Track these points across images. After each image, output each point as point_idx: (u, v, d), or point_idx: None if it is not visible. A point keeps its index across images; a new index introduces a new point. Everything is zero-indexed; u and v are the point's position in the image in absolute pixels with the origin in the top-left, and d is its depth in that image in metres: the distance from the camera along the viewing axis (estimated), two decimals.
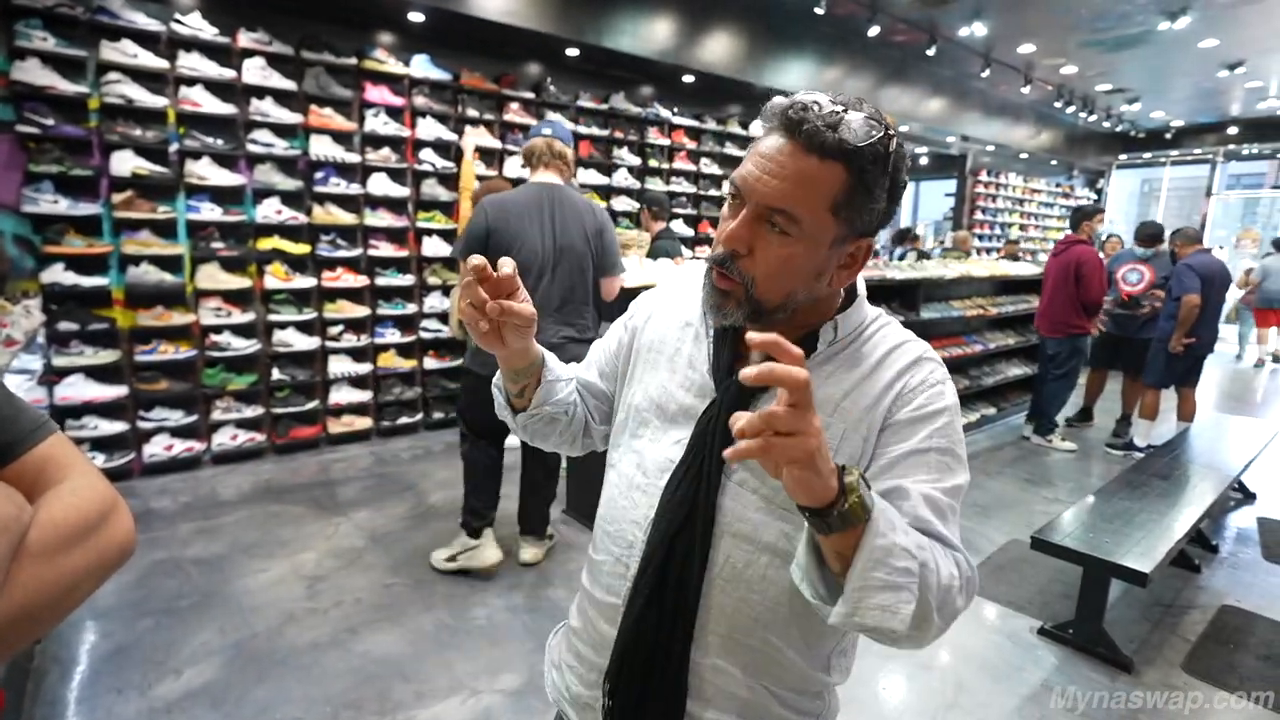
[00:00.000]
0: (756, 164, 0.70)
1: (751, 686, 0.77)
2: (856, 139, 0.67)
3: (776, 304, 0.74)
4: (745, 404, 0.76)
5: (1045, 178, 12.71)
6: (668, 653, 0.77)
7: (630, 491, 0.84)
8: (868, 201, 0.70)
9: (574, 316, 2.53)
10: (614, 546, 0.84)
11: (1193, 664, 2.32)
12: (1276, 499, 3.87)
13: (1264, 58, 7.35)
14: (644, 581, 0.78)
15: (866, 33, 6.09)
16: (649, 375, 0.87)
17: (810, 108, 0.68)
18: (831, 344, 0.78)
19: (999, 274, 5.18)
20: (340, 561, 2.84)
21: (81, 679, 2.08)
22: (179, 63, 3.57)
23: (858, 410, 0.75)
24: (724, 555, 0.76)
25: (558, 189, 2.49)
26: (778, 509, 0.75)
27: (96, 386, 3.45)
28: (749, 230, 0.72)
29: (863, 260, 0.76)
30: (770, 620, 0.76)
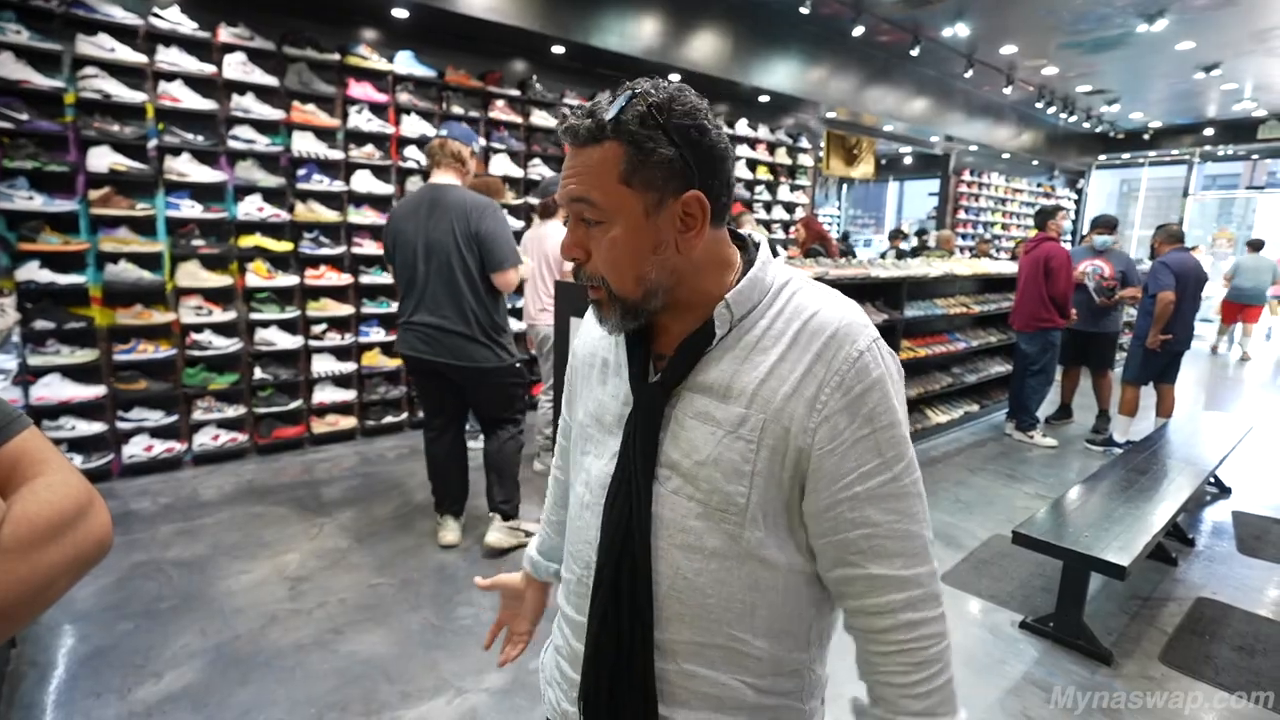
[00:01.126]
0: (561, 181, 0.75)
1: (724, 682, 0.77)
2: (608, 114, 0.70)
3: (638, 294, 0.74)
4: (660, 406, 0.76)
5: (1027, 178, 12.87)
6: (629, 666, 0.77)
7: (582, 511, 0.84)
8: (652, 159, 0.70)
9: (452, 310, 2.62)
10: (576, 566, 0.85)
11: (1170, 655, 2.36)
12: (1251, 493, 3.95)
13: (1239, 60, 7.49)
14: (598, 600, 0.79)
15: (851, 32, 6.13)
16: (586, 390, 0.88)
17: (573, 114, 0.73)
18: (733, 325, 0.75)
19: (981, 272, 5.24)
20: (324, 562, 2.81)
21: (59, 683, 2.05)
22: (158, 58, 3.51)
23: (778, 398, 0.71)
24: (673, 568, 0.75)
25: (441, 189, 2.65)
26: (715, 511, 0.74)
27: (74, 386, 3.39)
28: (575, 236, 0.75)
29: (702, 214, 0.72)
30: (732, 617, 0.76)
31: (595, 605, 0.79)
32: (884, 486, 0.72)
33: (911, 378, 4.71)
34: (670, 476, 0.76)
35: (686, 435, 0.75)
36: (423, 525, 3.16)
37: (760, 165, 7.02)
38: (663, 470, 0.76)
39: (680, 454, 0.75)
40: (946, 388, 4.88)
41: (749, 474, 0.73)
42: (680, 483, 0.75)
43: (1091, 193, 13.86)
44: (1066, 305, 4.59)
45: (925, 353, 4.62)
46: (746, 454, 0.72)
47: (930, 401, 4.94)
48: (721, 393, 0.74)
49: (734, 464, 0.73)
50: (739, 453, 0.72)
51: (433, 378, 2.79)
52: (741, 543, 0.74)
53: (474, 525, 3.09)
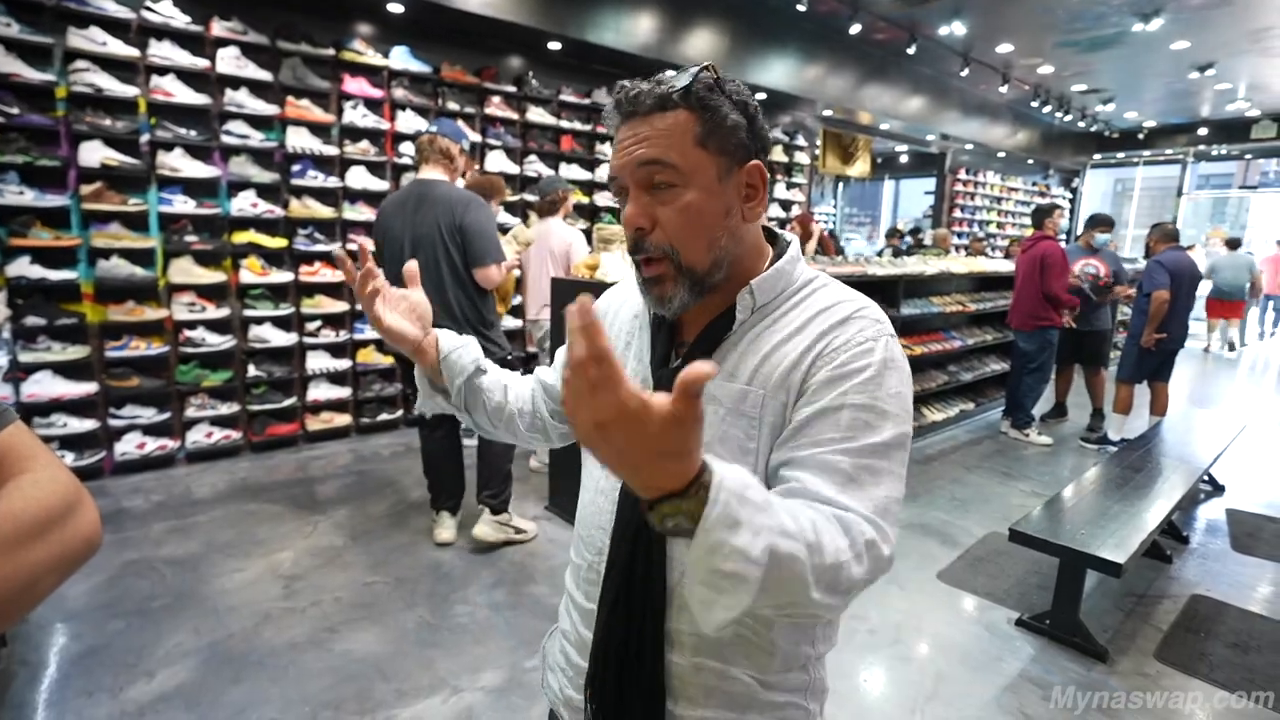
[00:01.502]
0: (619, 151, 0.73)
1: (735, 676, 0.76)
2: (681, 81, 0.70)
3: (708, 264, 0.72)
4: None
5: (1022, 176, 12.91)
6: (639, 657, 0.75)
7: (596, 496, 0.83)
8: (726, 125, 0.71)
9: (442, 302, 2.60)
10: (587, 552, 0.84)
11: (1165, 652, 2.37)
12: (1245, 491, 3.97)
13: (1233, 60, 7.52)
14: (610, 586, 0.77)
15: (848, 30, 6.13)
16: None
17: (632, 87, 0.72)
18: (754, 311, 0.75)
19: (977, 270, 5.24)
20: (319, 560, 2.79)
21: (50, 682, 2.03)
22: (150, 51, 3.48)
23: (777, 374, 0.71)
24: (683, 554, 0.72)
25: (428, 184, 2.66)
26: None
27: (65, 383, 3.36)
28: (642, 205, 0.72)
29: (763, 184, 0.74)
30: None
31: (607, 591, 0.78)
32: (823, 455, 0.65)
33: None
34: None
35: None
36: (418, 523, 3.15)
37: None
38: None
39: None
40: (942, 386, 4.89)
41: (754, 451, 0.72)
42: None
43: (1086, 192, 13.90)
44: (1063, 303, 4.61)
45: (922, 351, 4.62)
46: (750, 431, 0.72)
47: (926, 399, 4.94)
48: (729, 374, 0.74)
49: (739, 441, 0.72)
50: (742, 430, 0.72)
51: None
52: None
53: (469, 523, 3.07)
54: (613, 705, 0.78)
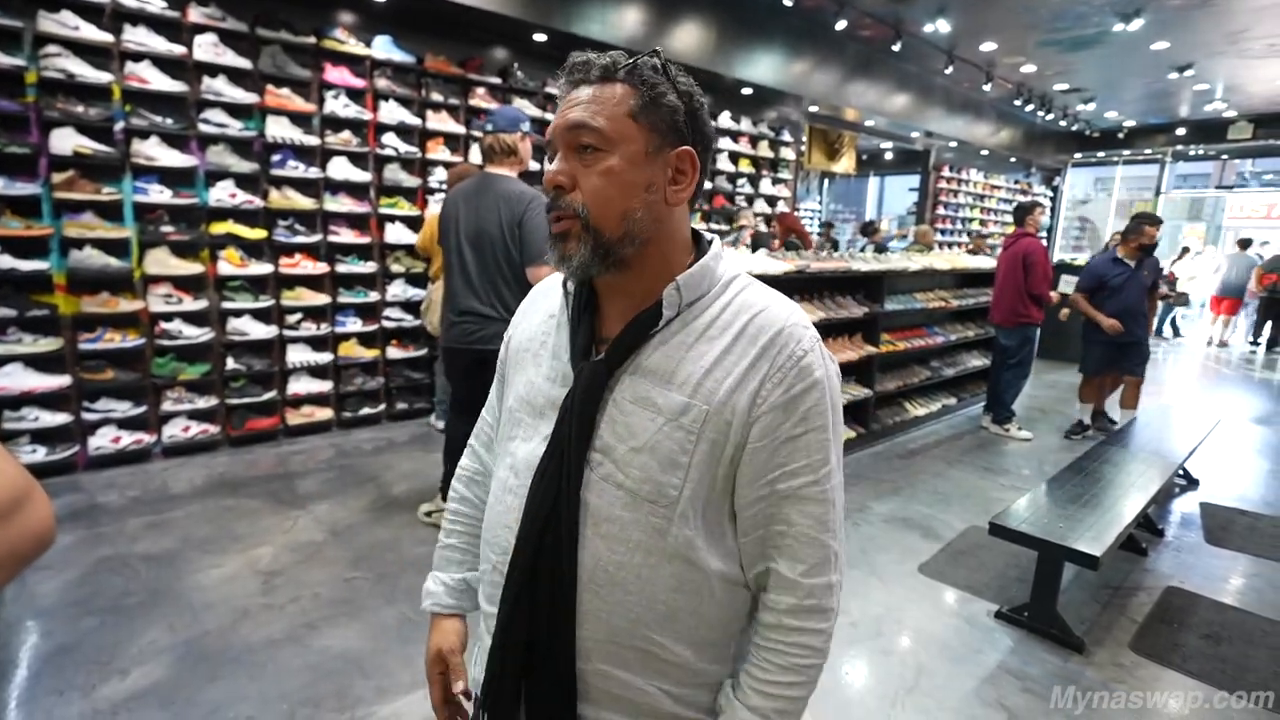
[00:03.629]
0: (558, 115, 0.75)
1: (640, 687, 0.74)
2: (627, 59, 0.73)
3: (618, 232, 0.72)
4: (600, 386, 0.73)
5: (1005, 174, 13.04)
6: (548, 662, 0.73)
7: (504, 495, 0.80)
8: (663, 104, 0.73)
9: (496, 292, 2.65)
10: (492, 554, 0.80)
11: (1140, 643, 2.41)
12: (1218, 485, 4.04)
13: (1211, 61, 7.64)
14: (512, 582, 0.75)
15: (833, 26, 6.14)
16: (519, 375, 0.85)
17: (582, 57, 0.75)
18: (680, 309, 0.74)
19: (960, 267, 5.29)
20: (298, 556, 2.76)
21: (20, 681, 1.98)
22: (124, 37, 3.40)
23: (721, 391, 0.71)
24: (594, 558, 0.72)
25: (493, 178, 2.67)
26: (644, 502, 0.71)
27: (36, 376, 3.28)
28: (566, 164, 0.73)
29: (693, 171, 0.75)
30: (651, 619, 0.72)
31: (508, 591, 0.75)
32: (806, 489, 0.72)
33: (890, 371, 4.75)
34: (602, 461, 0.73)
35: (625, 420, 0.73)
36: (399, 519, 3.12)
37: (742, 158, 7.01)
38: (595, 454, 0.73)
39: (615, 439, 0.73)
40: (925, 381, 4.93)
41: (685, 465, 0.71)
42: (611, 469, 0.73)
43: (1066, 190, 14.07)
44: (1044, 300, 4.67)
45: (904, 346, 4.66)
46: (685, 444, 0.71)
47: (908, 394, 4.98)
48: (664, 378, 0.73)
49: (670, 453, 0.71)
50: (677, 443, 0.71)
51: (476, 367, 2.69)
52: (668, 539, 0.71)
53: None
54: (511, 712, 0.76)
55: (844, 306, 4.15)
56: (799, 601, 0.73)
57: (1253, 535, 3.35)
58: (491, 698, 0.77)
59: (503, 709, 0.76)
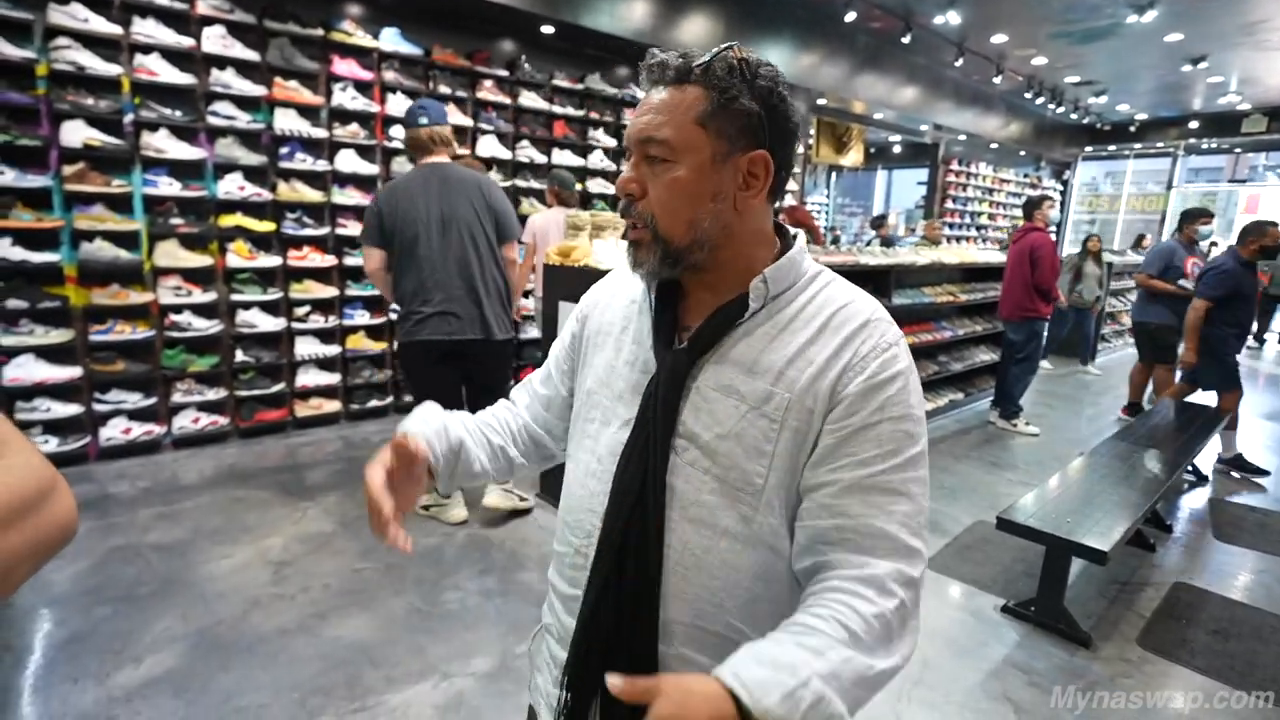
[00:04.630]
0: (634, 119, 0.75)
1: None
2: (703, 58, 0.72)
3: (685, 240, 0.73)
4: (684, 373, 0.74)
5: (1014, 168, 12.93)
6: (630, 644, 0.73)
7: (586, 479, 0.81)
8: (733, 111, 0.71)
9: (480, 282, 2.73)
10: (573, 537, 0.82)
11: (1147, 639, 2.40)
12: (1227, 481, 4.02)
13: (1225, 53, 7.54)
14: (600, 567, 0.75)
15: (843, 18, 6.09)
16: (598, 357, 0.86)
17: (660, 57, 0.73)
18: (766, 301, 0.75)
19: (968, 261, 5.26)
20: (308, 547, 2.78)
21: (36, 668, 2.01)
22: (133, 29, 3.40)
23: (804, 379, 0.71)
24: (681, 542, 0.73)
25: (444, 167, 2.73)
26: (731, 489, 0.72)
27: (48, 367, 3.31)
28: (636, 172, 0.74)
29: (765, 177, 0.73)
30: (733, 605, 0.73)
31: (596, 574, 0.76)
32: (872, 478, 0.68)
33: None
34: (688, 447, 0.74)
35: (709, 407, 0.74)
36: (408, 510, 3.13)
37: None
38: (680, 440, 0.74)
39: (700, 426, 0.74)
40: (932, 375, 4.91)
41: (769, 454, 0.71)
42: (697, 454, 0.73)
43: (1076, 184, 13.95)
44: (1051, 295, 4.64)
45: (912, 341, 4.64)
46: (769, 433, 0.71)
47: None
48: (748, 367, 0.73)
49: (755, 441, 0.72)
50: (761, 430, 0.71)
51: (450, 359, 2.77)
52: (754, 526, 0.72)
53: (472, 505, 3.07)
54: (593, 694, 0.75)
55: None
56: (856, 573, 0.65)
57: (1263, 532, 3.34)
58: (574, 678, 0.77)
59: (586, 689, 0.76)
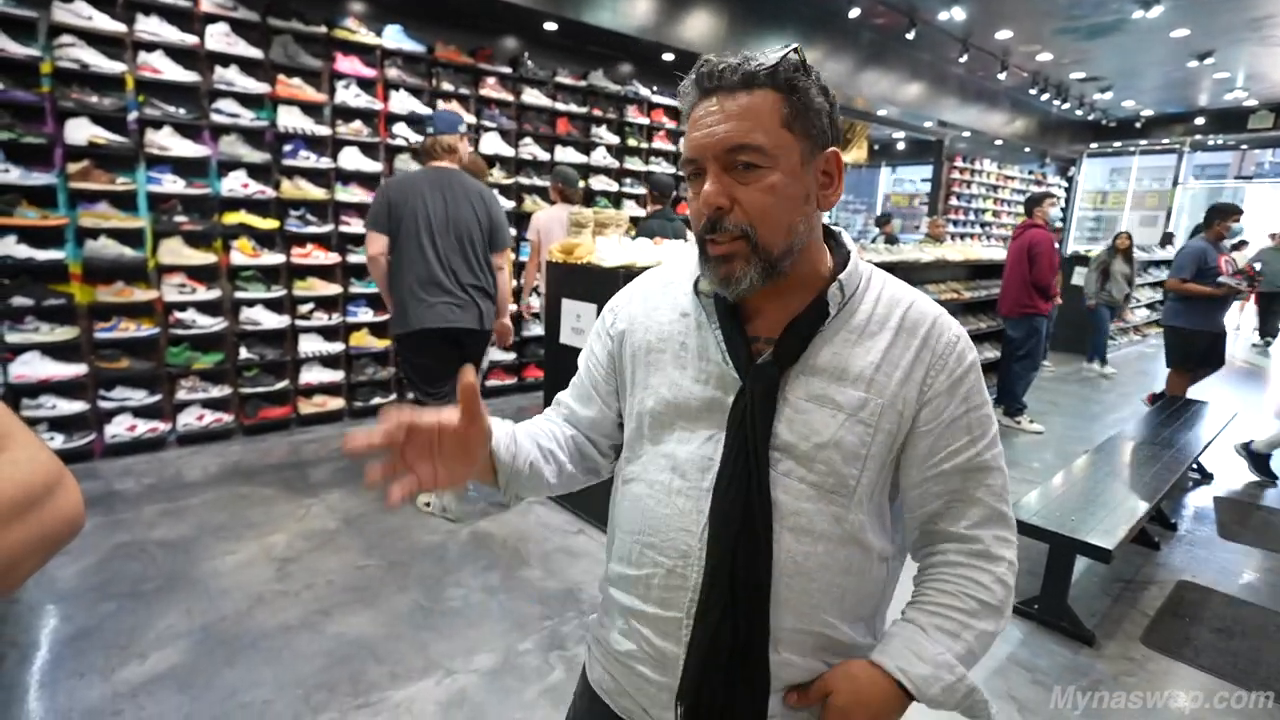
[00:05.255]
0: (700, 129, 0.71)
1: (811, 669, 0.77)
2: (769, 60, 0.69)
3: (783, 246, 0.72)
4: (775, 388, 0.74)
5: (1019, 164, 12.88)
6: (745, 657, 0.74)
7: (671, 498, 0.78)
8: (812, 108, 0.71)
9: (473, 279, 2.95)
10: (663, 558, 0.78)
11: (1151, 637, 2.40)
12: (1232, 479, 4.00)
13: (1232, 49, 7.49)
14: (716, 590, 0.74)
15: (846, 14, 6.07)
16: (656, 377, 0.82)
17: (716, 63, 0.70)
18: (841, 306, 0.76)
19: (972, 258, 5.24)
20: (312, 543, 2.79)
21: (41, 663, 2.02)
22: (137, 26, 3.41)
23: (892, 384, 0.74)
24: (786, 552, 0.74)
25: (450, 172, 2.94)
26: (826, 493, 0.74)
27: (54, 364, 3.33)
28: (722, 184, 0.71)
29: (838, 173, 0.75)
30: (827, 603, 0.76)
31: (712, 596, 0.74)
32: (970, 462, 0.77)
33: None
34: (781, 459, 0.75)
35: (803, 419, 0.74)
36: (411, 508, 3.14)
37: None
38: (774, 453, 0.75)
39: (796, 436, 0.74)
40: None
41: (863, 456, 0.74)
42: (792, 465, 0.75)
43: (1081, 181, 13.89)
44: (1050, 292, 4.62)
45: None
46: (865, 437, 0.74)
47: None
48: (837, 375, 0.75)
49: (853, 447, 0.74)
50: (858, 436, 0.74)
51: (446, 345, 2.96)
52: (845, 524, 0.75)
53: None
54: (714, 711, 0.75)
55: None
56: (964, 546, 0.78)
57: (1267, 530, 3.33)
58: (695, 701, 0.76)
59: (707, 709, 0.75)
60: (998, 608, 0.76)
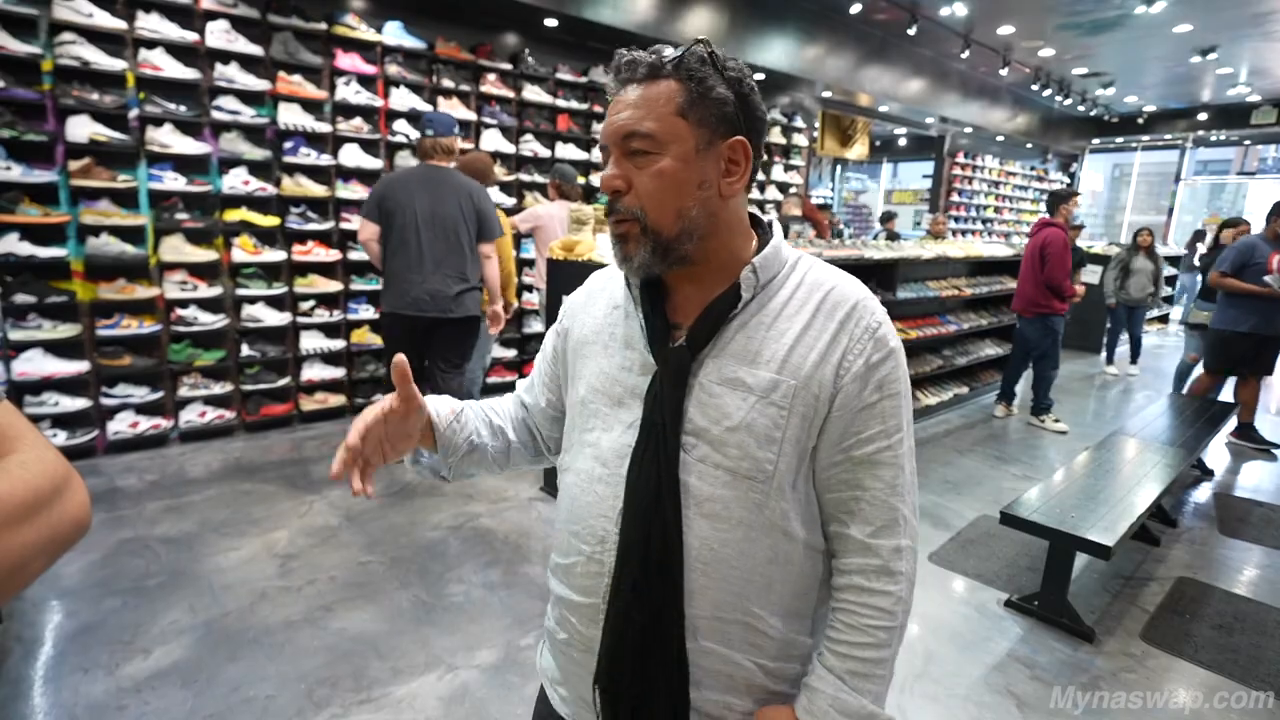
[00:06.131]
0: (608, 116, 0.76)
1: (738, 662, 0.77)
2: (675, 53, 0.74)
3: (674, 230, 0.74)
4: (686, 371, 0.75)
5: (1020, 161, 12.85)
6: (663, 643, 0.75)
7: (593, 486, 0.80)
8: (710, 98, 0.73)
9: (455, 270, 3.16)
10: (584, 545, 0.80)
11: (1150, 633, 2.40)
12: (1232, 475, 4.01)
13: (1235, 44, 7.46)
14: (626, 572, 0.75)
15: (848, 10, 6.05)
16: (587, 366, 0.85)
17: (627, 57, 0.75)
18: (757, 291, 0.77)
19: (973, 255, 5.24)
20: (314, 540, 2.80)
21: (46, 658, 2.03)
22: (138, 24, 3.41)
23: (807, 365, 0.74)
24: (699, 538, 0.74)
25: (441, 170, 3.17)
26: (744, 479, 0.74)
27: (56, 361, 3.33)
28: (620, 168, 0.75)
29: (745, 161, 0.76)
30: (751, 592, 0.75)
31: (622, 578, 0.76)
32: (879, 453, 0.75)
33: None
34: (696, 444, 0.75)
35: (715, 402, 0.75)
36: (413, 504, 3.15)
37: None
38: (688, 438, 0.75)
39: (708, 420, 0.75)
40: (936, 370, 4.90)
41: (779, 440, 0.74)
42: (707, 450, 0.75)
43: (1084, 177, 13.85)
44: (1063, 291, 4.55)
45: (916, 335, 4.63)
46: (778, 420, 0.74)
47: (920, 383, 4.96)
48: (750, 358, 0.75)
49: (766, 430, 0.74)
50: (770, 419, 0.74)
51: (416, 333, 3.19)
52: (766, 512, 0.75)
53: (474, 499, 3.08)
54: (631, 696, 0.76)
55: None
56: (866, 562, 0.76)
57: (1268, 527, 3.33)
58: (610, 684, 0.78)
59: (622, 694, 0.77)
60: (899, 628, 0.76)
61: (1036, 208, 13.03)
